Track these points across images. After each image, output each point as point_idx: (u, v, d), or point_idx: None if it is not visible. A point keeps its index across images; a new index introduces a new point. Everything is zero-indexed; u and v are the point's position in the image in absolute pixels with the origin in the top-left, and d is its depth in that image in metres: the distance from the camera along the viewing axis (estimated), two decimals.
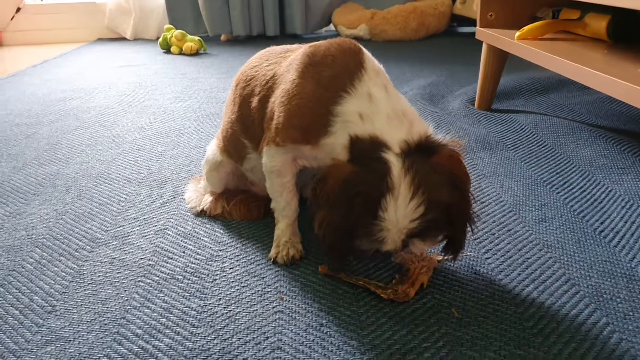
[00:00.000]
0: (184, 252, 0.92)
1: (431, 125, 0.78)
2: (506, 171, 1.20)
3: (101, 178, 1.24)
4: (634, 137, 1.37)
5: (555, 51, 1.28)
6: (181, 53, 2.79)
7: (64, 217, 1.06)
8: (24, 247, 0.96)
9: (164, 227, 1.01)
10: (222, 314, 0.76)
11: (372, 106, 0.76)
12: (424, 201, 0.69)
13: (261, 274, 0.85)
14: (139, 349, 0.70)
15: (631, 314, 0.73)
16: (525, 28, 1.43)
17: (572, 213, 1.01)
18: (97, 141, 1.50)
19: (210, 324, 0.74)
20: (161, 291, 0.82)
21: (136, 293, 0.81)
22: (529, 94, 1.82)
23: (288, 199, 0.89)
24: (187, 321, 0.75)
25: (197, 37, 2.82)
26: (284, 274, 0.85)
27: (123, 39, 3.30)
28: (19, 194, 1.17)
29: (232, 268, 0.87)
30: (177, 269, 0.87)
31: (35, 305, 0.79)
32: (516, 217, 1.00)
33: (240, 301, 0.79)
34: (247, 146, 0.96)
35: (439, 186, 0.71)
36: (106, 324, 0.75)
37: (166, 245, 0.95)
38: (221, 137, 1.02)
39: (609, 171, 1.18)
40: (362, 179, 0.71)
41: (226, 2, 2.95)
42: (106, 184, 1.21)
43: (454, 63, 2.35)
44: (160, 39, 2.87)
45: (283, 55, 0.90)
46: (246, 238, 0.96)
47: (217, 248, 0.93)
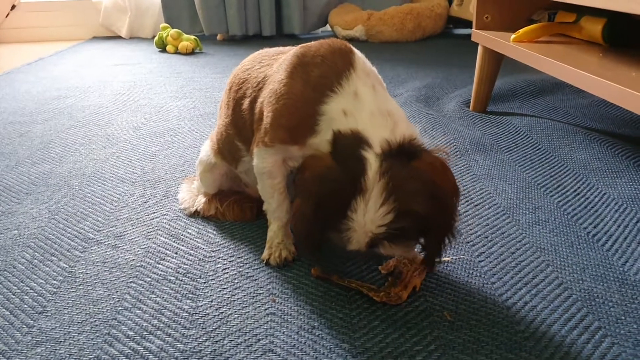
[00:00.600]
0: (176, 253, 0.92)
1: (419, 129, 0.77)
2: (500, 174, 1.21)
3: (94, 177, 1.24)
4: (628, 140, 1.38)
5: (551, 54, 1.28)
6: (177, 52, 2.78)
7: (56, 216, 1.06)
8: (16, 246, 0.95)
9: (156, 228, 1.00)
10: (214, 315, 0.76)
11: (356, 103, 0.75)
12: (393, 209, 0.68)
13: (254, 276, 0.85)
14: (130, 351, 0.69)
15: (623, 318, 0.73)
16: (521, 30, 1.43)
17: (565, 216, 1.01)
18: (91, 140, 1.49)
19: (202, 325, 0.74)
20: (153, 292, 0.81)
21: (128, 294, 0.81)
22: (524, 96, 1.82)
23: (279, 200, 0.88)
24: (178, 323, 0.74)
25: (192, 36, 2.82)
26: (276, 276, 0.85)
27: (118, 37, 3.29)
28: (12, 193, 1.16)
29: (225, 269, 0.87)
30: (170, 270, 0.87)
31: (25, 306, 0.79)
32: (510, 220, 1.00)
33: (232, 303, 0.78)
34: (241, 149, 0.95)
35: (413, 195, 0.69)
36: (97, 325, 0.74)
37: (159, 246, 0.94)
38: (215, 139, 1.01)
39: (603, 174, 1.18)
40: (336, 175, 0.70)
41: (222, 1, 2.95)
42: (99, 184, 1.20)
43: (449, 65, 2.35)
44: (156, 38, 2.86)
45: (275, 58, 0.90)
46: (239, 239, 0.96)
47: (209, 249, 0.93)
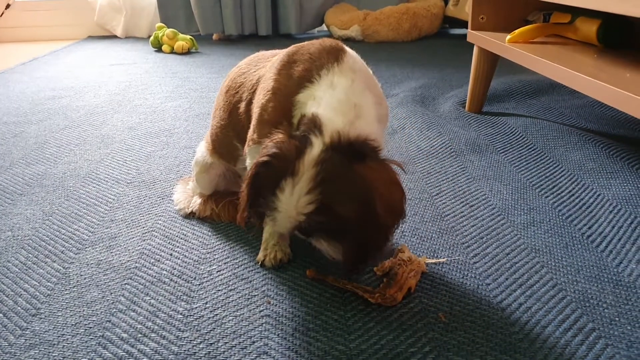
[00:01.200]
0: (171, 255, 0.92)
1: (384, 139, 0.75)
2: (495, 174, 1.21)
3: (89, 178, 1.23)
4: (623, 141, 1.38)
5: (546, 55, 1.28)
6: (172, 52, 2.78)
7: (50, 218, 1.05)
8: (10, 248, 0.95)
9: (151, 229, 1.00)
10: (209, 317, 0.75)
11: (328, 91, 0.74)
12: (316, 201, 0.66)
13: (249, 277, 0.85)
14: (124, 353, 0.69)
15: (617, 319, 0.73)
16: (516, 31, 1.44)
17: (560, 217, 1.01)
18: (85, 141, 1.49)
19: (196, 328, 0.74)
20: (147, 294, 0.81)
21: (122, 296, 0.81)
22: (520, 96, 1.82)
23: None
24: (173, 325, 0.74)
25: (188, 36, 2.81)
26: (271, 278, 0.85)
27: (114, 36, 3.28)
28: (6, 194, 1.16)
29: (220, 271, 0.86)
30: (164, 272, 0.87)
31: (19, 308, 0.78)
32: (505, 221, 1.00)
33: (227, 305, 0.78)
34: (239, 148, 0.95)
35: (338, 193, 0.67)
36: (91, 327, 0.74)
37: (153, 247, 0.94)
38: (210, 140, 1.01)
39: (598, 175, 1.18)
40: (278, 151, 0.70)
41: (218, 1, 2.94)
42: (94, 185, 1.20)
43: (445, 65, 2.36)
44: (152, 38, 2.85)
45: (270, 60, 0.90)
46: (234, 241, 0.96)
47: (204, 251, 0.93)
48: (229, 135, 0.96)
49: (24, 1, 3.31)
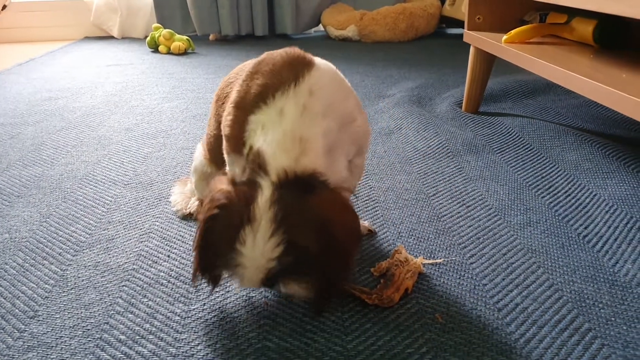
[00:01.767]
0: (168, 256, 0.92)
1: (363, 162, 0.74)
2: (492, 174, 1.21)
3: (86, 180, 1.23)
4: (619, 141, 1.39)
5: (542, 55, 1.29)
6: (169, 52, 2.77)
7: (48, 219, 1.05)
8: (7, 250, 0.94)
9: (149, 231, 1.00)
10: (207, 319, 0.76)
11: (277, 121, 0.70)
12: (282, 241, 0.63)
13: None
14: (122, 355, 0.69)
15: (613, 319, 0.74)
16: (513, 31, 1.44)
17: (556, 217, 1.02)
18: (82, 142, 1.49)
19: (194, 329, 0.74)
20: (145, 296, 0.81)
21: (120, 298, 0.81)
22: (516, 97, 1.83)
23: None
24: (171, 327, 0.74)
25: (185, 37, 2.81)
26: None
27: (110, 37, 3.27)
28: (2, 196, 1.16)
29: None
30: (162, 274, 0.87)
31: (17, 310, 0.78)
32: (501, 221, 1.01)
33: (224, 307, 0.78)
34: None
35: (299, 227, 0.64)
36: (89, 329, 0.74)
37: (151, 249, 0.94)
38: (207, 149, 1.01)
39: (594, 175, 1.19)
40: (226, 202, 0.66)
41: (215, 1, 2.94)
42: (91, 186, 1.20)
43: (442, 65, 2.36)
44: (148, 38, 2.85)
45: None
46: None
47: None
48: (221, 144, 0.95)
49: (20, 2, 3.30)
